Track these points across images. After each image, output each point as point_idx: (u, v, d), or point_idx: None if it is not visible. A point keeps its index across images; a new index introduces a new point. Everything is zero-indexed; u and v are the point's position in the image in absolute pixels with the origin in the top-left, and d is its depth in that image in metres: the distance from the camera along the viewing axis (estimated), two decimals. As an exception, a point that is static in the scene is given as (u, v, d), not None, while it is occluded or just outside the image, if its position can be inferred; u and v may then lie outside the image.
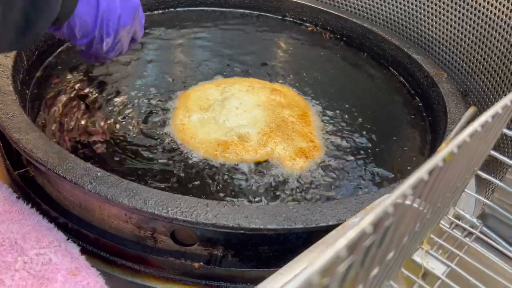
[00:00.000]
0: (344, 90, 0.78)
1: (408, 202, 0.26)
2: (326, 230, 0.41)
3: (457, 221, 0.43)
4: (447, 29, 0.81)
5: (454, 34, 0.80)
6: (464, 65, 0.79)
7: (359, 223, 0.22)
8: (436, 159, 0.25)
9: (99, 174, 0.45)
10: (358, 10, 0.96)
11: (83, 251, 0.47)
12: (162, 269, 0.48)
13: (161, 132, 0.62)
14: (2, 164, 0.58)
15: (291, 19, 0.97)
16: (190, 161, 0.58)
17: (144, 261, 0.48)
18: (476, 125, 0.30)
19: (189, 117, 0.65)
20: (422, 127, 0.71)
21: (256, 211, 0.43)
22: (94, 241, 0.49)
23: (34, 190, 0.53)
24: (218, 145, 0.60)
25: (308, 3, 0.95)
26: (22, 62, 0.65)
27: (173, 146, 0.60)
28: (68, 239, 0.48)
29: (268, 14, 0.97)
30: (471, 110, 0.56)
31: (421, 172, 0.24)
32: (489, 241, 0.41)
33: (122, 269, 0.48)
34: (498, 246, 0.41)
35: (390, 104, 0.76)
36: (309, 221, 0.44)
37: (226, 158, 0.59)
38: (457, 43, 0.80)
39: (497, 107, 0.33)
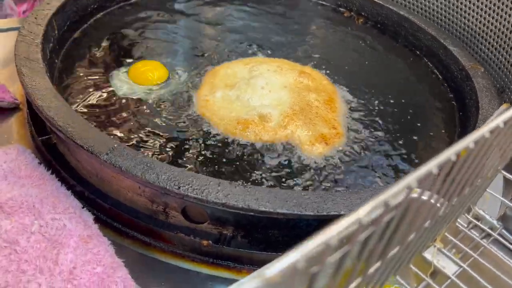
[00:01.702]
0: (375, 78, 0.75)
1: (414, 195, 0.24)
2: (337, 219, 0.40)
3: (475, 221, 0.41)
4: (488, 21, 0.77)
5: (496, 27, 0.76)
6: (503, 60, 0.75)
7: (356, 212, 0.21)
8: (448, 153, 0.24)
9: (115, 145, 0.45)
10: (396, -4, 0.92)
11: (97, 220, 0.48)
12: (171, 244, 0.48)
13: (185, 106, 0.63)
14: (27, 129, 0.60)
15: (325, 3, 0.94)
16: (207, 136, 0.58)
17: (154, 235, 0.48)
18: (498, 121, 0.29)
19: (214, 93, 0.65)
20: (452, 122, 0.68)
21: (268, 195, 0.43)
22: (108, 211, 0.50)
23: (55, 157, 0.54)
24: (238, 123, 0.60)
25: (343, -13, 0.92)
26: (53, 32, 0.66)
27: (194, 120, 0.60)
28: (83, 207, 0.49)
29: (302, -4, 0.95)
30: (504, 107, 0.53)
31: (430, 165, 0.23)
32: (508, 244, 0.39)
33: (132, 240, 0.49)
34: (516, 251, 0.39)
35: (421, 96, 0.73)
36: (320, 208, 0.43)
37: (245, 136, 0.59)
38: (498, 36, 0.76)
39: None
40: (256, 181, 0.53)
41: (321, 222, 0.45)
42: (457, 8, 0.82)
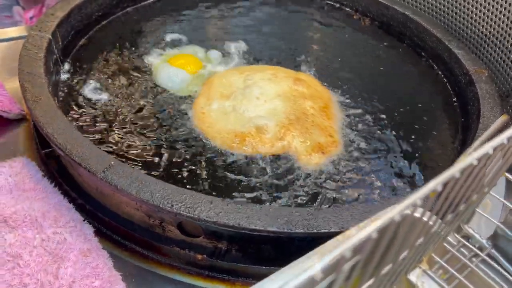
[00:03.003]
0: (376, 82, 0.75)
1: (414, 213, 0.25)
2: (328, 236, 0.40)
3: (464, 241, 0.41)
4: (495, 22, 0.75)
5: (503, 29, 0.74)
6: (510, 63, 0.73)
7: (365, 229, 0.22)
8: (434, 183, 0.25)
9: (112, 163, 0.47)
10: (402, -4, 0.91)
11: (97, 233, 0.50)
12: (168, 257, 0.49)
13: (182, 119, 0.63)
14: (33, 140, 0.62)
15: (331, 2, 0.93)
16: (205, 151, 0.59)
17: (152, 248, 0.50)
18: (487, 147, 0.29)
19: (210, 105, 0.65)
20: (454, 128, 0.68)
21: (258, 212, 0.44)
22: (108, 224, 0.51)
23: (58, 170, 0.56)
24: (235, 136, 0.61)
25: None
26: (57, 43, 0.67)
27: (191, 134, 0.61)
28: (84, 220, 0.51)
29: (307, -4, 0.95)
30: (503, 118, 0.53)
31: (433, 184, 0.24)
32: (495, 265, 0.40)
33: (130, 252, 0.50)
34: (503, 272, 0.39)
35: (424, 101, 0.72)
36: (310, 226, 0.43)
37: (242, 149, 0.60)
38: (505, 38, 0.74)
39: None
40: (254, 194, 0.54)
41: (313, 237, 0.46)
42: (465, 8, 0.80)
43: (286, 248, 0.48)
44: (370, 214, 0.45)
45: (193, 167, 0.56)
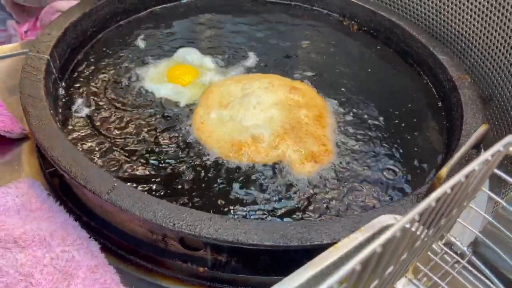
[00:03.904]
0: (367, 88, 0.77)
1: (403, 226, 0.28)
2: (321, 247, 0.44)
3: (446, 249, 0.44)
4: (477, 28, 0.78)
5: (484, 34, 0.77)
6: (491, 67, 0.77)
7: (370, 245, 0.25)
8: (413, 213, 0.28)
9: (116, 184, 0.49)
10: (388, 2, 0.93)
11: (103, 249, 0.53)
12: (171, 269, 0.52)
13: (182, 128, 0.66)
14: (36, 159, 0.64)
15: (320, 9, 0.96)
16: (203, 160, 0.62)
17: (156, 261, 0.53)
18: (460, 176, 0.32)
19: (208, 115, 0.68)
20: (441, 135, 0.71)
21: (255, 227, 0.47)
22: (113, 240, 0.54)
23: (62, 189, 0.58)
24: (232, 145, 0.63)
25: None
26: (55, 62, 0.69)
27: (190, 144, 0.64)
28: (90, 237, 0.54)
29: (296, 3, 0.97)
30: (483, 128, 0.56)
31: (410, 215, 0.27)
32: (475, 271, 0.43)
33: (136, 266, 0.53)
34: (483, 278, 0.42)
35: (414, 108, 0.75)
36: (304, 239, 0.47)
37: (239, 158, 0.62)
38: (487, 44, 0.77)
39: (487, 155, 0.35)
40: (250, 203, 0.56)
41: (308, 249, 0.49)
42: (448, 14, 0.83)
43: (283, 259, 0.51)
44: (360, 224, 0.48)
45: (192, 177, 0.59)
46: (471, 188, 0.38)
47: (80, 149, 0.60)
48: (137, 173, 0.59)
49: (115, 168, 0.59)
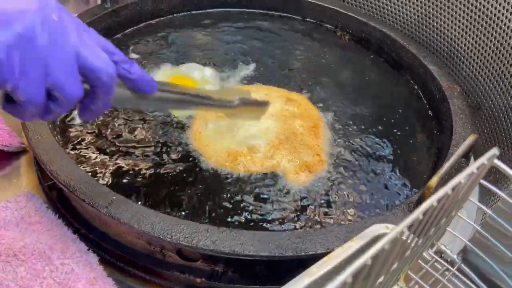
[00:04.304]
0: (360, 98, 0.79)
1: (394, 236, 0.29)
2: (315, 257, 0.45)
3: (436, 257, 0.46)
4: (466, 39, 0.80)
5: (472, 45, 0.79)
6: (480, 77, 0.78)
7: (360, 257, 0.27)
8: (400, 227, 0.29)
9: (114, 198, 0.51)
10: (379, 13, 0.95)
11: (101, 261, 0.54)
12: (169, 281, 0.53)
13: (180, 138, 0.67)
14: (35, 172, 0.65)
15: (312, 20, 0.97)
16: (199, 169, 0.63)
17: (154, 273, 0.54)
18: (446, 189, 0.33)
19: (206, 125, 0.70)
20: (431, 144, 0.72)
21: (251, 238, 0.48)
22: (111, 251, 0.55)
23: (60, 202, 0.59)
24: (228, 155, 0.65)
25: (328, 5, 0.95)
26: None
27: (188, 153, 0.65)
28: (88, 249, 0.55)
29: (288, 15, 0.99)
30: (471, 138, 0.57)
31: (398, 229, 0.29)
32: (465, 279, 0.44)
33: (134, 278, 0.54)
34: (472, 285, 0.44)
35: (406, 117, 0.76)
36: (298, 249, 0.48)
37: (234, 168, 0.64)
38: (475, 54, 0.79)
39: (472, 168, 0.36)
40: (245, 213, 0.58)
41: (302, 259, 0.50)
42: (437, 24, 0.85)
43: (278, 268, 0.52)
44: (353, 233, 0.49)
45: (189, 186, 0.60)
46: (458, 199, 0.40)
47: (75, 160, 0.61)
48: (135, 184, 0.60)
49: (112, 178, 0.60)
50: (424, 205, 0.31)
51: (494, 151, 0.37)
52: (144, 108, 0.66)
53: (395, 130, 0.73)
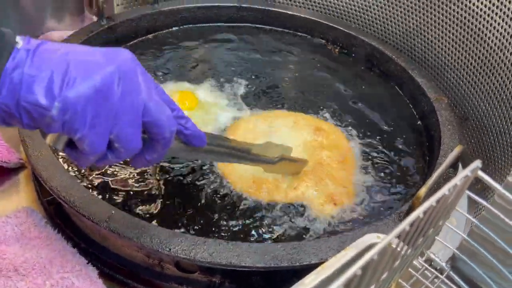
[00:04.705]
0: (362, 116, 0.80)
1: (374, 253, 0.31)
2: (310, 267, 0.46)
3: (426, 265, 0.47)
4: (452, 51, 0.83)
5: (459, 57, 0.82)
6: (466, 89, 0.81)
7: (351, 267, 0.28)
8: (389, 237, 0.31)
9: (113, 212, 0.52)
10: (367, 27, 0.98)
11: (101, 274, 0.55)
12: (167, 292, 0.55)
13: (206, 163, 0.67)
14: (34, 187, 0.66)
15: (303, 34, 1.00)
16: (222, 193, 0.63)
17: (152, 285, 0.55)
18: (431, 200, 0.35)
19: None
20: (421, 156, 0.74)
21: (247, 250, 0.49)
22: (111, 265, 0.56)
23: (59, 217, 0.60)
24: (253, 182, 0.64)
25: (318, 19, 0.97)
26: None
27: (212, 177, 0.65)
28: (88, 263, 0.56)
29: (279, 29, 1.01)
30: (458, 149, 0.60)
31: (387, 239, 0.30)
32: (453, 286, 0.46)
33: (133, 291, 0.55)
34: (460, 292, 0.46)
35: (394, 132, 0.78)
36: (293, 259, 0.49)
37: (258, 195, 0.63)
38: (461, 66, 0.82)
39: (456, 180, 0.38)
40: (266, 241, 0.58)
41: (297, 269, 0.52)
42: (425, 38, 0.88)
43: (274, 278, 0.54)
44: (346, 244, 0.51)
45: (211, 208, 0.61)
46: (444, 209, 0.42)
47: (75, 176, 0.62)
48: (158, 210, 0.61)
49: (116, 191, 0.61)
50: (411, 217, 0.33)
51: (477, 163, 0.39)
52: (190, 158, 0.66)
53: (387, 139, 0.75)
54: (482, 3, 0.75)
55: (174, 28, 0.97)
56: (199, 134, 0.46)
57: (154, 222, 0.57)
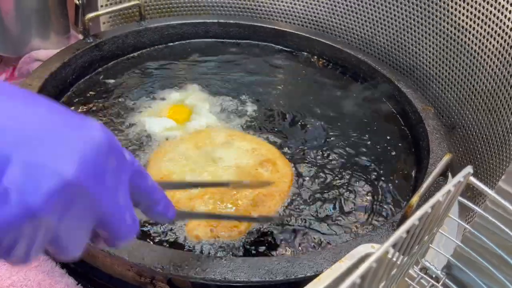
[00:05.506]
0: (339, 126, 0.81)
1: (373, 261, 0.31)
2: (305, 280, 0.46)
3: (422, 274, 0.47)
4: (437, 63, 0.84)
5: (443, 68, 0.83)
6: (452, 99, 0.82)
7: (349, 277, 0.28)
8: (385, 246, 0.30)
9: (103, 230, 0.51)
10: (353, 40, 1.00)
11: (91, 295, 0.53)
12: (160, 311, 0.53)
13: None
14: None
15: (289, 49, 1.01)
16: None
17: (144, 304, 0.54)
18: (426, 207, 0.35)
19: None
20: (411, 165, 0.74)
21: (242, 265, 0.49)
22: (101, 285, 0.55)
23: (48, 237, 0.59)
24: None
25: (304, 34, 0.99)
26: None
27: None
28: (78, 284, 0.54)
29: (265, 43, 1.02)
30: (447, 157, 0.60)
31: (382, 249, 0.30)
32: (450, 294, 0.46)
33: (125, 311, 0.54)
34: (457, 300, 0.45)
35: (383, 142, 0.78)
36: (288, 273, 0.49)
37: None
38: (446, 76, 0.83)
39: (449, 186, 0.38)
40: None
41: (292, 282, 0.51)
42: (410, 50, 0.90)
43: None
44: (340, 255, 0.50)
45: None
46: (438, 216, 0.42)
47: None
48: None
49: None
50: (407, 224, 0.33)
51: (469, 169, 0.39)
52: None
53: (377, 153, 0.75)
54: (467, 16, 0.77)
55: (160, 46, 0.98)
56: (171, 218, 0.39)
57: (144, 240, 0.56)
